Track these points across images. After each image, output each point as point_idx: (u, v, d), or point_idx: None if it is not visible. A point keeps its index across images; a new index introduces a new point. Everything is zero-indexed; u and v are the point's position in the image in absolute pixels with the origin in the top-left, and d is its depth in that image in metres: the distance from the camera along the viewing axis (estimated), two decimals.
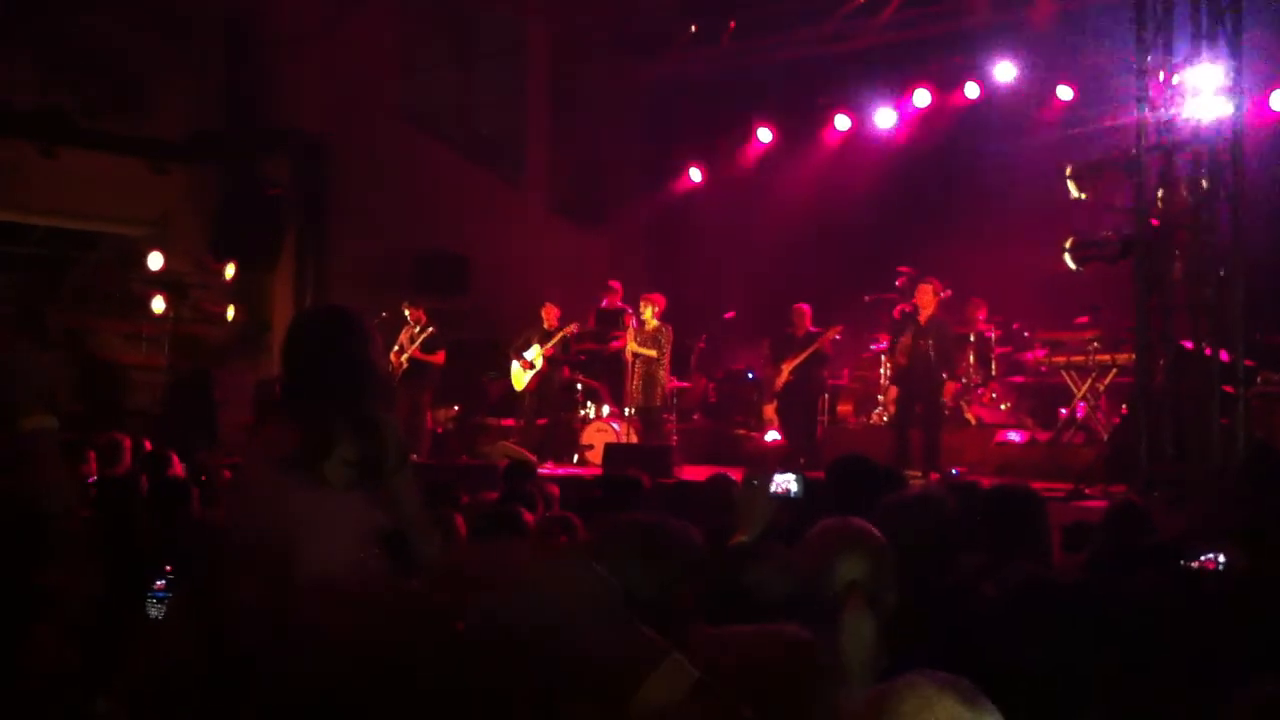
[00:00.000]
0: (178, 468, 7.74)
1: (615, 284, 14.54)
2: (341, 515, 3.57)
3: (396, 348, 13.16)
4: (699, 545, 3.06)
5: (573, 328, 13.50)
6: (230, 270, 13.97)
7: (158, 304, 13.63)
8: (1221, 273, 8.72)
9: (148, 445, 8.67)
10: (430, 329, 13.20)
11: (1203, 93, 8.76)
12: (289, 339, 3.92)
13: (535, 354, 13.29)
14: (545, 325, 13.40)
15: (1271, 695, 2.31)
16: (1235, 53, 8.75)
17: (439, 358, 13.26)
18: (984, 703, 2.04)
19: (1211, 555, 3.88)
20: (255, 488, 3.73)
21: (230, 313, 14.20)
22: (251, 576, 3.34)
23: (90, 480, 7.22)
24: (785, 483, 5.05)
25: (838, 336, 12.70)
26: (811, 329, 12.84)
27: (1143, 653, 3.13)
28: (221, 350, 14.18)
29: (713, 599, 2.98)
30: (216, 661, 2.17)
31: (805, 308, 12.94)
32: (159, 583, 2.89)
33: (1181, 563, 3.90)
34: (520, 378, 13.46)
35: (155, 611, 2.90)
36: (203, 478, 7.45)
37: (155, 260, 13.59)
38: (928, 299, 11.57)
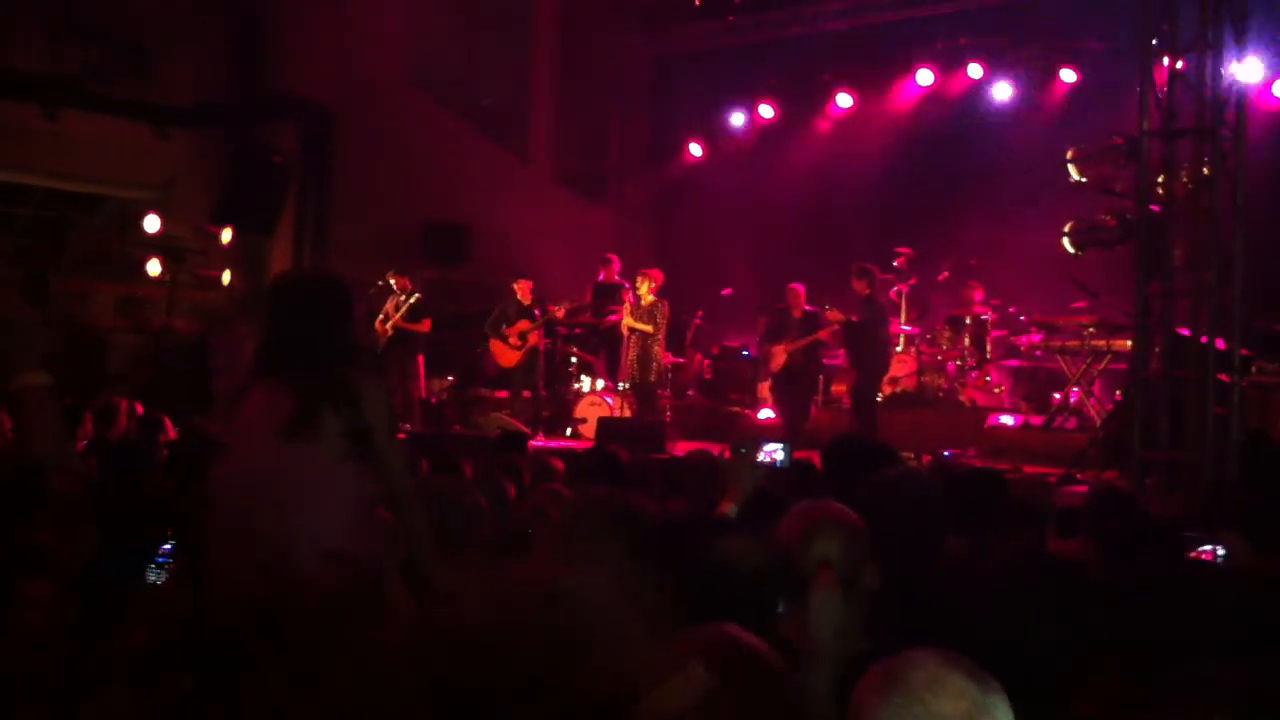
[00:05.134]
0: (170, 432, 7.74)
1: (613, 257, 14.46)
2: (339, 485, 3.56)
3: (381, 316, 13.08)
4: (658, 519, 3.09)
5: (566, 306, 13.43)
6: (227, 235, 13.92)
7: (153, 267, 13.60)
8: (1220, 260, 8.72)
9: (139, 409, 8.67)
10: (415, 297, 13.11)
11: (1206, 78, 8.75)
12: (273, 301, 3.88)
13: (523, 334, 13.24)
14: (520, 300, 13.35)
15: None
16: (1240, 39, 8.73)
17: (424, 326, 13.14)
18: (988, 679, 2.05)
19: (1210, 547, 3.88)
20: (249, 457, 3.71)
21: (226, 278, 14.16)
22: (245, 546, 3.35)
23: (83, 442, 7.22)
24: (772, 452, 5.08)
25: (838, 326, 12.60)
26: (808, 308, 12.81)
27: (1135, 637, 3.14)
28: (218, 315, 14.15)
29: (685, 572, 2.99)
30: (210, 626, 2.18)
31: (799, 287, 12.90)
32: (163, 547, 2.89)
33: (1183, 554, 3.90)
34: (507, 355, 13.41)
35: (156, 577, 2.89)
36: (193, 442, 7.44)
37: (152, 223, 13.55)
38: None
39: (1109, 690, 2.89)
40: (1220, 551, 4.07)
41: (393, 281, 13.17)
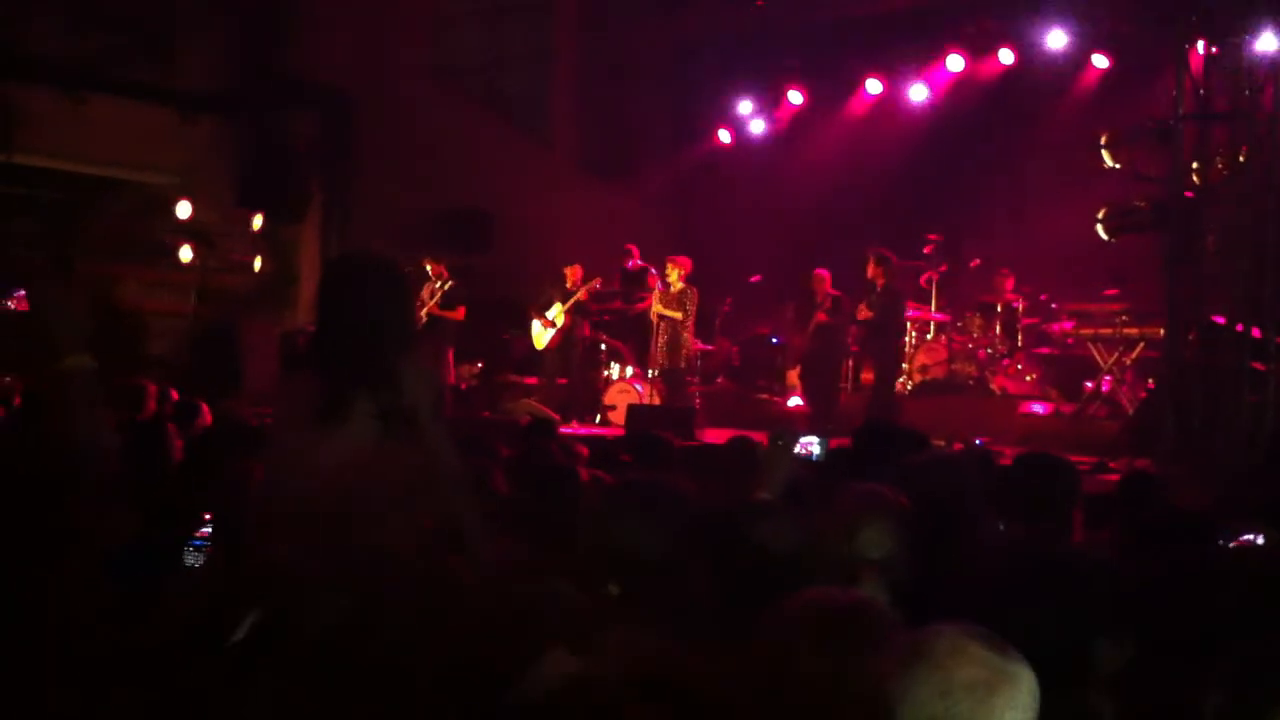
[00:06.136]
0: (207, 418, 7.73)
1: (632, 247, 14.47)
2: (375, 469, 3.53)
3: (416, 303, 13.13)
4: (694, 501, 3.10)
5: (593, 285, 13.43)
6: (258, 221, 13.95)
7: (185, 253, 13.63)
8: (1255, 246, 8.63)
9: (174, 394, 8.66)
10: (450, 284, 13.13)
11: (1242, 63, 8.65)
12: (318, 287, 3.89)
13: (557, 312, 13.27)
14: (568, 285, 13.38)
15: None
16: (1277, 24, 8.63)
17: (459, 313, 13.15)
18: (1011, 649, 2.06)
19: (1250, 535, 3.84)
20: (287, 442, 3.70)
21: (257, 263, 14.20)
22: (286, 532, 3.34)
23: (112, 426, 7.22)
24: (809, 444, 5.10)
25: (833, 305, 12.49)
26: (832, 293, 12.75)
27: (1163, 630, 3.11)
28: (248, 300, 14.19)
29: (723, 554, 2.99)
30: (246, 612, 2.17)
31: (824, 273, 12.82)
32: (201, 530, 2.88)
33: (1220, 543, 3.85)
34: (542, 336, 13.44)
35: (193, 560, 2.89)
36: (227, 427, 7.45)
37: (184, 209, 13.58)
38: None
39: (1125, 682, 2.86)
40: (1260, 540, 4.03)
41: (428, 267, 13.18)
